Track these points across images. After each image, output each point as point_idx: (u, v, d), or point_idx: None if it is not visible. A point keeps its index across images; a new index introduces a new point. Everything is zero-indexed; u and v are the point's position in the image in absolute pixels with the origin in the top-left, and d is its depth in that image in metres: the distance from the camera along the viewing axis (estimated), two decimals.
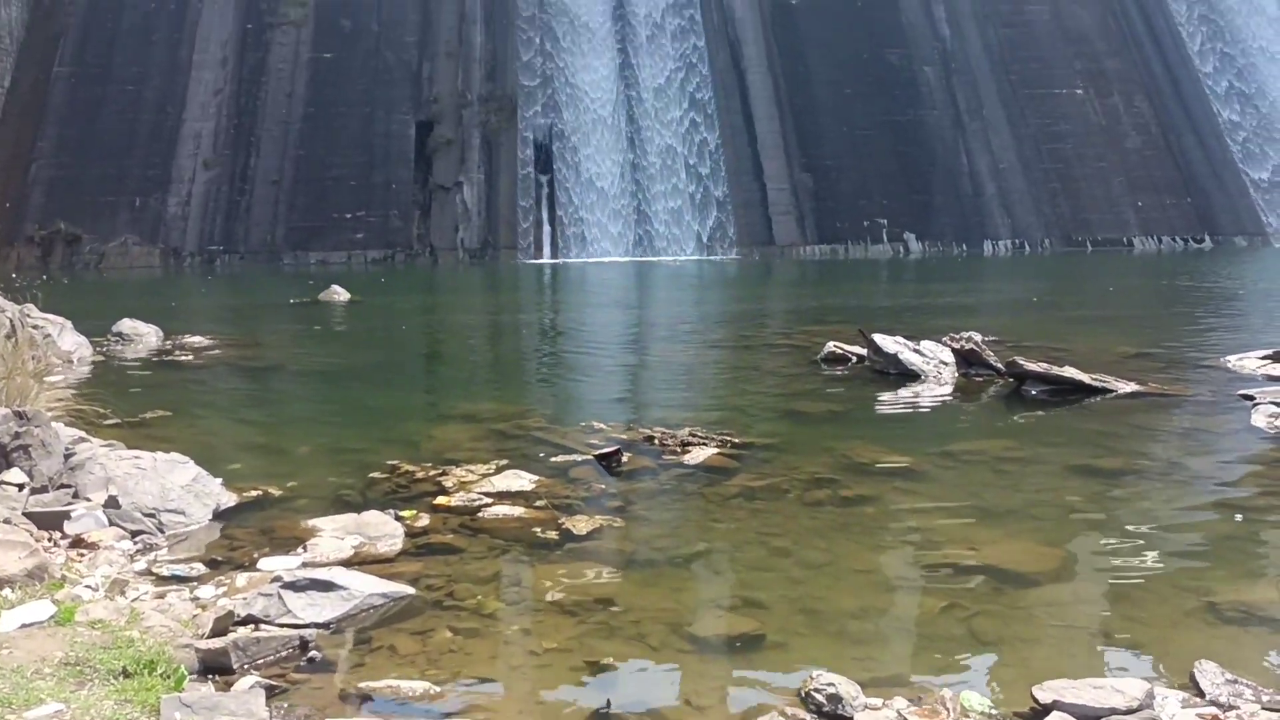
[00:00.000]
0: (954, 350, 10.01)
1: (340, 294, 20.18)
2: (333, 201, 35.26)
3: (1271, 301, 19.60)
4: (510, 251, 35.04)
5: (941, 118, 38.87)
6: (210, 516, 5.22)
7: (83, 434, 6.30)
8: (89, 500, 5.04)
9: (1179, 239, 36.39)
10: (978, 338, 10.27)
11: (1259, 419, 7.45)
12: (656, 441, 6.88)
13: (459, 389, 10.32)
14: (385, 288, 25.36)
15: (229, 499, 5.46)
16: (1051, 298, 19.78)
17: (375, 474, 6.05)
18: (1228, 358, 10.29)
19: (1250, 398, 8.01)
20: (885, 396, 8.88)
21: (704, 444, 6.73)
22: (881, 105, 38.87)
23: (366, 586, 4.05)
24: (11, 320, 8.26)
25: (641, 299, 23.34)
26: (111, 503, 4.97)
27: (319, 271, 30.76)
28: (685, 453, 6.55)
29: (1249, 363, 10.00)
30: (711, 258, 35.34)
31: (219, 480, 5.60)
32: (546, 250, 35.50)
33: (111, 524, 4.81)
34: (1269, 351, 10.14)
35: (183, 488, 5.30)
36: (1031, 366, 9.06)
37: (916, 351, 9.95)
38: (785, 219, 36.36)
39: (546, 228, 35.93)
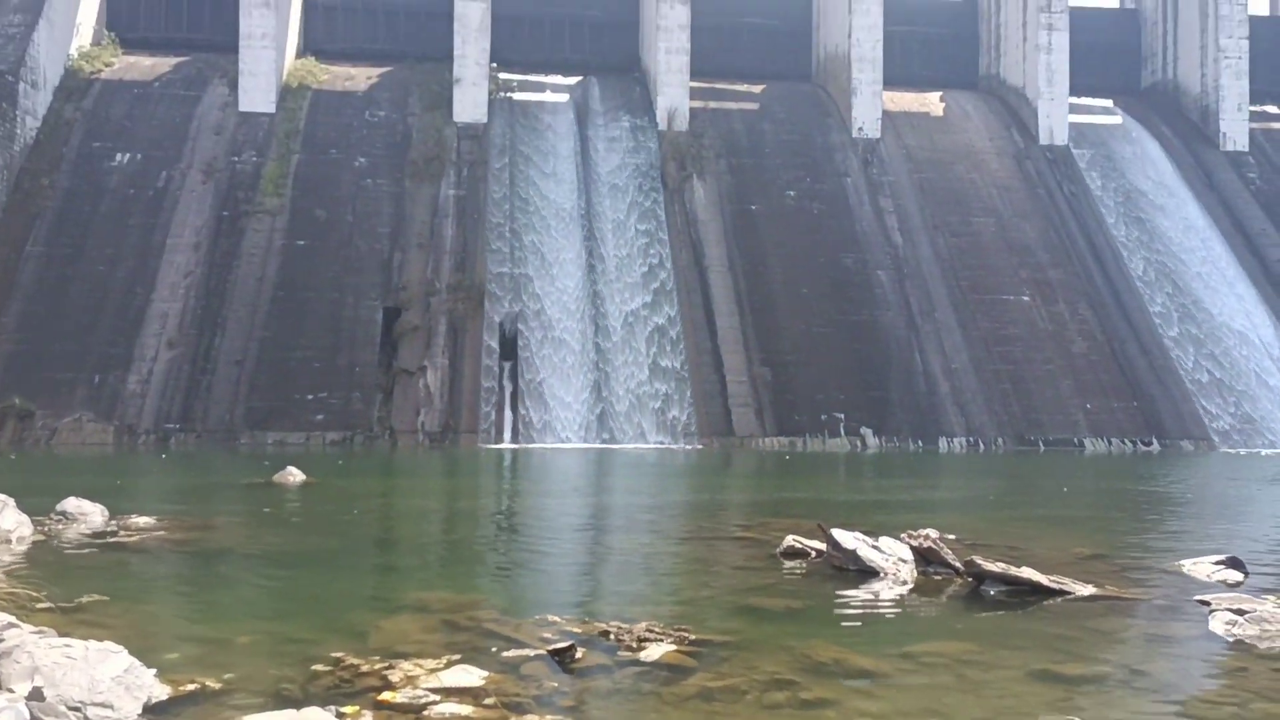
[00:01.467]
0: (912, 548, 10.00)
1: (295, 475, 19.88)
2: (295, 383, 35.32)
3: (1219, 507, 19.91)
4: (471, 436, 35.01)
5: (895, 318, 40.23)
6: (140, 711, 4.95)
7: (12, 619, 6.03)
8: (11, 691, 4.78)
9: (1128, 441, 37.21)
10: (935, 535, 10.29)
11: (1216, 625, 7.44)
12: (612, 636, 6.71)
13: (411, 577, 10.08)
14: (342, 470, 25.06)
15: (162, 692, 5.20)
16: (1008, 496, 19.95)
17: (318, 666, 5.81)
18: (1182, 562, 10.36)
19: (1206, 603, 8.02)
20: (845, 593, 8.78)
21: (661, 640, 6.58)
22: (838, 305, 40.26)
23: None
24: None
25: (601, 487, 23.22)
26: (35, 694, 4.72)
27: (275, 452, 30.41)
28: (641, 649, 6.38)
29: (1202, 568, 10.06)
30: (672, 446, 35.51)
31: (153, 671, 5.34)
32: (507, 435, 35.54)
33: (33, 718, 4.55)
34: (1222, 558, 10.23)
35: (113, 679, 5.05)
36: (990, 566, 9.05)
37: (875, 548, 9.92)
38: (744, 411, 36.84)
39: (508, 413, 36.08)
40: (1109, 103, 52.15)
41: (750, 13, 53.37)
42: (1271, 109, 52.85)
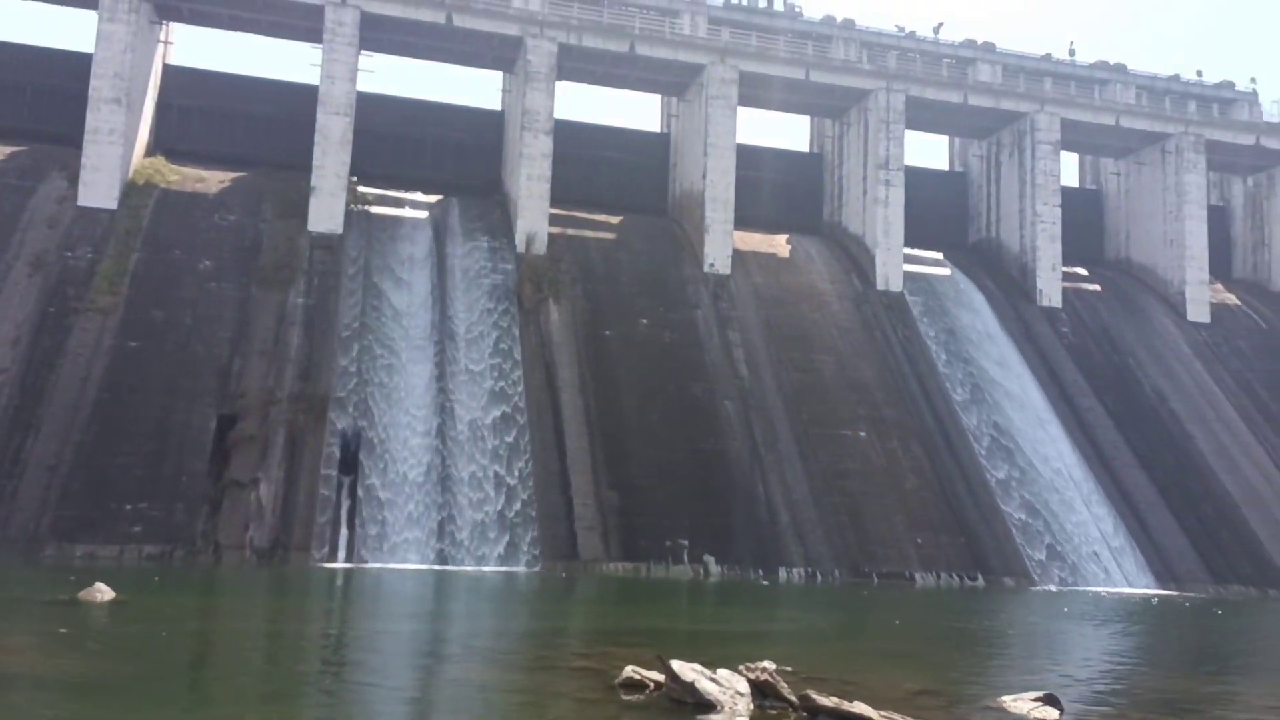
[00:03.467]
0: (750, 680, 10.02)
1: (104, 592, 18.44)
2: (113, 492, 33.05)
3: (1036, 643, 20.80)
4: (303, 553, 33.37)
5: (741, 448, 41.11)
6: None
7: None
8: None
9: (955, 575, 38.64)
10: (772, 668, 10.35)
11: None
12: None
13: (219, 711, 9.37)
14: (157, 587, 23.39)
15: None
16: (843, 629, 20.30)
17: None
18: (1003, 698, 10.72)
19: None
20: None
21: None
22: (686, 433, 40.89)
23: None
24: None
25: (438, 611, 22.42)
26: None
27: (85, 566, 28.12)
28: None
29: (1022, 704, 10.43)
30: (515, 569, 34.74)
31: None
32: (342, 553, 34.03)
33: None
34: (1040, 694, 10.65)
35: None
36: (824, 701, 9.14)
37: (714, 680, 9.89)
38: (590, 534, 36.55)
39: (344, 530, 34.64)
40: (939, 255, 55.95)
41: (610, 147, 55.32)
42: (1080, 270, 57.77)
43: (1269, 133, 59.39)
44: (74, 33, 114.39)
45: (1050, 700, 10.42)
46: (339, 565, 33.44)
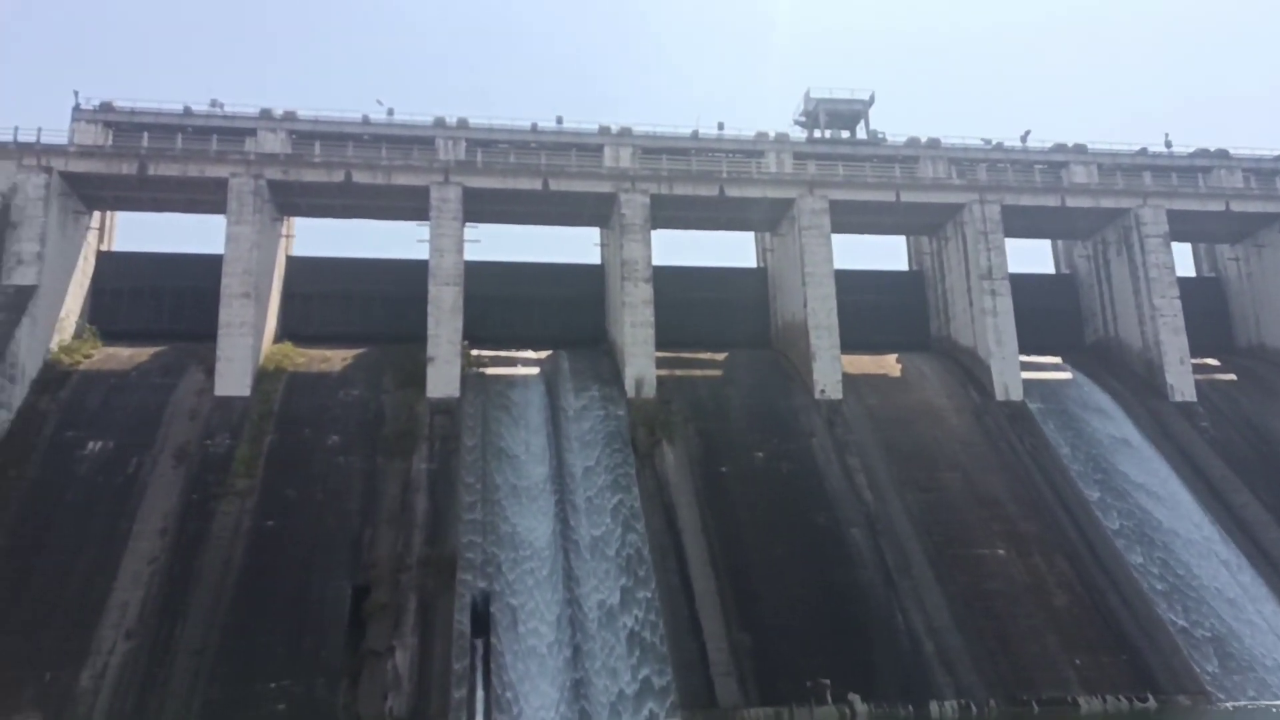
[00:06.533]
0: None
1: None
2: (258, 671, 33.78)
3: None
4: None
5: (873, 576, 39.80)
6: None
7: None
8: None
9: (1122, 697, 35.99)
10: None
11: None
12: None
13: None
14: None
15: None
16: None
17: None
18: None
19: None
20: None
21: None
22: (813, 565, 39.86)
23: None
24: None
25: None
26: None
27: None
28: None
29: None
30: None
31: None
32: (479, 718, 33.73)
33: None
34: None
35: None
36: None
37: None
38: (727, 680, 35.50)
39: (480, 693, 34.45)
40: (1058, 359, 54.45)
41: (709, 287, 56.41)
42: (1211, 361, 55.31)
43: None
44: (199, 237, 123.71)
45: None
46: None
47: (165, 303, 51.25)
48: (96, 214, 50.50)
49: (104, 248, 52.42)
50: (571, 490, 41.95)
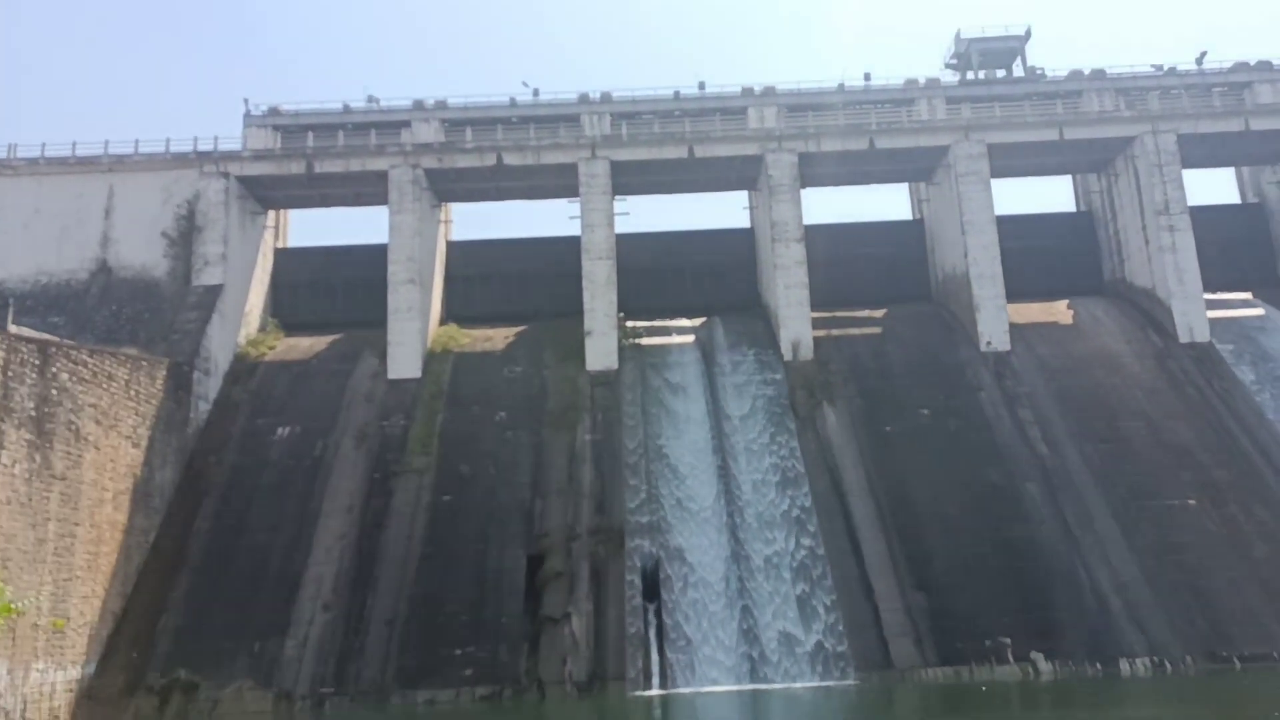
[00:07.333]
0: None
1: None
2: (444, 638, 35.53)
3: None
4: (619, 683, 34.13)
5: (1052, 531, 38.35)
6: None
7: None
8: None
9: None
10: None
11: None
12: None
13: None
14: None
15: None
16: None
17: None
18: None
19: None
20: None
21: None
22: (987, 522, 38.69)
23: None
24: None
25: None
26: None
27: (426, 712, 30.28)
28: None
29: None
30: (827, 683, 33.74)
31: None
32: (655, 680, 34.43)
33: None
34: None
35: None
36: None
37: None
38: (902, 641, 34.99)
39: (655, 656, 35.13)
40: (1247, 295, 50.74)
41: (864, 243, 55.07)
42: None
43: None
44: (368, 229, 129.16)
45: None
46: (654, 692, 33.88)
47: (338, 293, 54.01)
48: (271, 213, 53.50)
49: (280, 244, 55.58)
50: (733, 455, 42.05)
